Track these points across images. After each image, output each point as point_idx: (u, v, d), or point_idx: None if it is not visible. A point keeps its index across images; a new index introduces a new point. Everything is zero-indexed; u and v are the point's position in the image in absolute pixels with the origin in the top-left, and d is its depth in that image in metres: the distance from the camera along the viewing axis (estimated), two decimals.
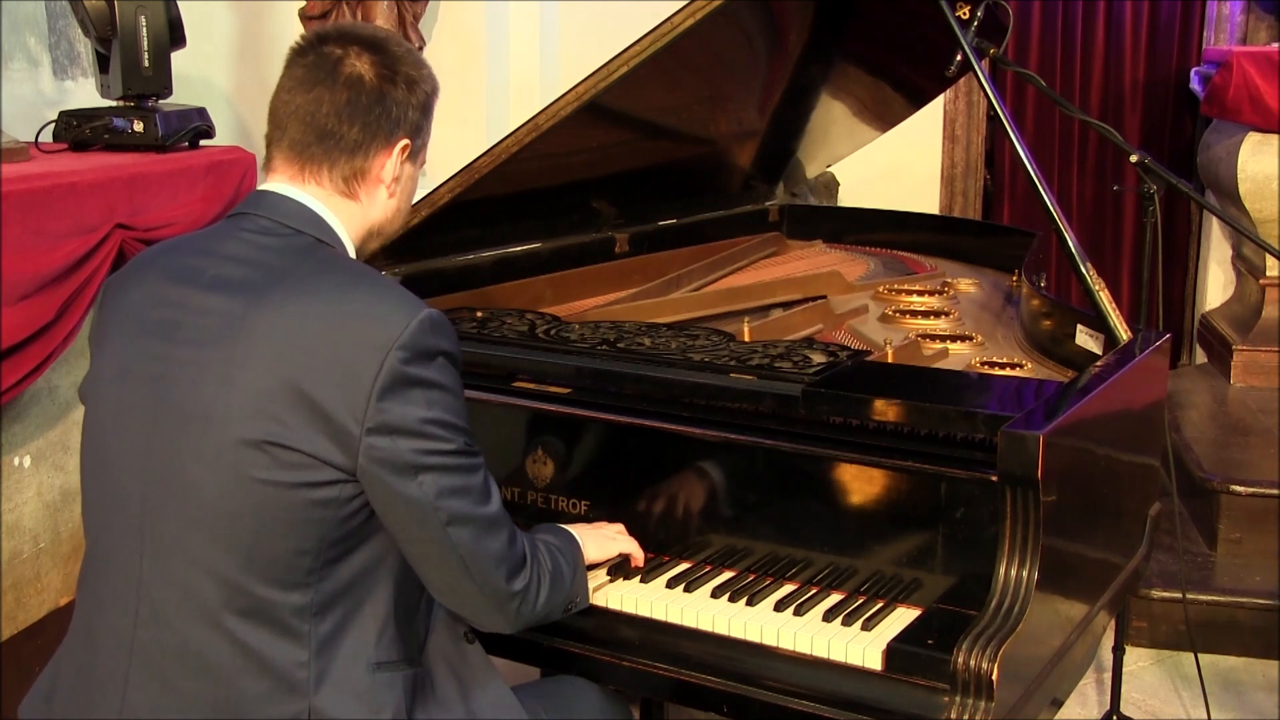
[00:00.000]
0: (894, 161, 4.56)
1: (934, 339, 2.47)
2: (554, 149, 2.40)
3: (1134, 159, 2.53)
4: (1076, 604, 1.90)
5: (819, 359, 1.97)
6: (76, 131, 3.09)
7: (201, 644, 1.49)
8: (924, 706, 1.64)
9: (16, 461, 2.72)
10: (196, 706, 1.50)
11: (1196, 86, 4.88)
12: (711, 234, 3.10)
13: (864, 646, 1.68)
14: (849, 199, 4.45)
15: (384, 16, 4.06)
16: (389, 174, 1.65)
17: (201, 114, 3.23)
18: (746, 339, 2.21)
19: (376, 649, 1.55)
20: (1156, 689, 3.25)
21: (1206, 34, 5.05)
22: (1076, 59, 5.14)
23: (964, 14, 2.45)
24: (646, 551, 1.92)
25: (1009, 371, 2.27)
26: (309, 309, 1.49)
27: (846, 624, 1.74)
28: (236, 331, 1.50)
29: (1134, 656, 3.31)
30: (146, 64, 3.09)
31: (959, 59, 2.42)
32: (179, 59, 3.23)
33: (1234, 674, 3.31)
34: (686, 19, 2.23)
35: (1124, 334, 2.17)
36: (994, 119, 4.35)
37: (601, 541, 1.87)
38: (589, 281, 2.72)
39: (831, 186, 4.36)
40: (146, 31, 3.07)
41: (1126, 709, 2.92)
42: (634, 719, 2.02)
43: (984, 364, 2.32)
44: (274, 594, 1.49)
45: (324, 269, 1.55)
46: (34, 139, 3.06)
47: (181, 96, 3.29)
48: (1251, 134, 4.33)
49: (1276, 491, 3.52)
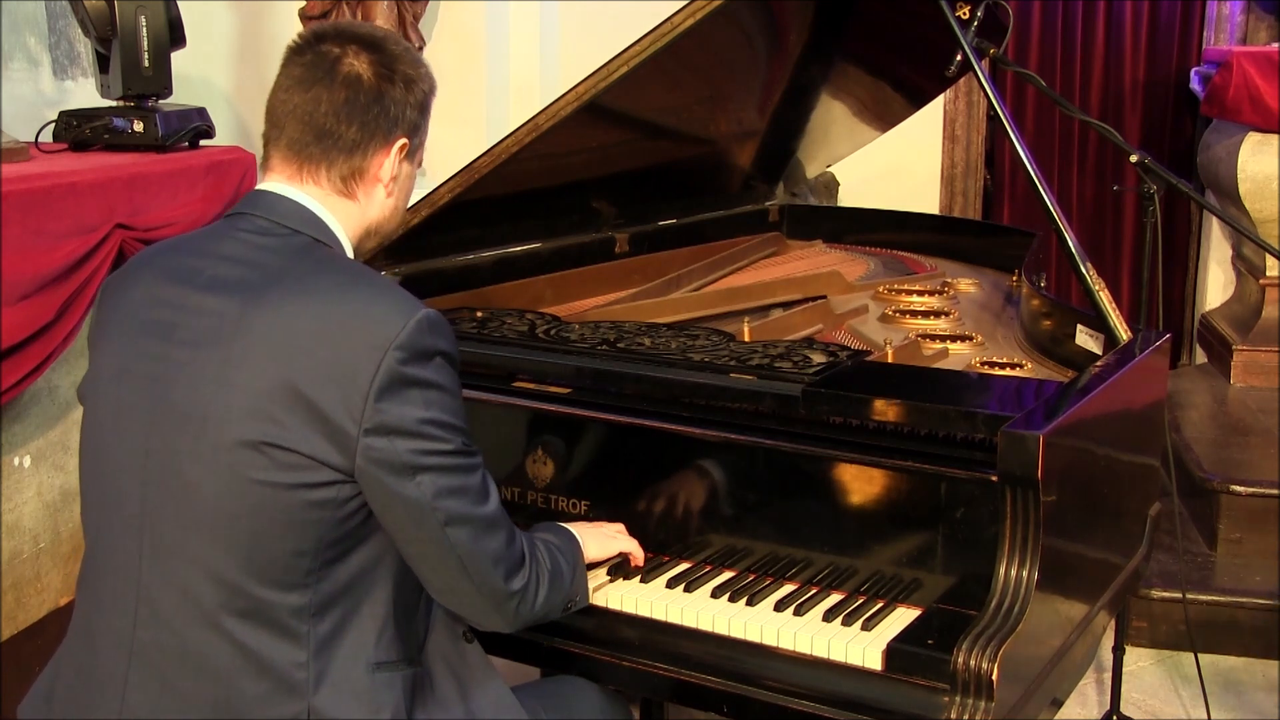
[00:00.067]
0: (894, 161, 4.56)
1: (934, 339, 2.47)
2: (554, 149, 2.40)
3: (1134, 159, 2.53)
4: (1076, 604, 1.90)
5: (819, 359, 1.97)
6: (76, 131, 3.09)
7: (201, 644, 1.49)
8: (924, 706, 1.64)
9: (16, 461, 2.72)
10: (196, 707, 1.50)
11: (1196, 86, 4.87)
12: (711, 234, 3.10)
13: (864, 646, 1.68)
14: (849, 199, 4.45)
15: (384, 16, 4.06)
16: (387, 173, 1.64)
17: (201, 114, 3.24)
18: (746, 339, 2.21)
19: (375, 649, 1.55)
20: (1156, 689, 3.25)
21: (1206, 34, 5.05)
22: (1076, 59, 5.13)
23: (964, 14, 2.45)
24: (646, 551, 1.92)
25: (1009, 371, 2.27)
26: (306, 309, 1.49)
27: (846, 624, 1.74)
28: (234, 332, 1.50)
29: (1134, 656, 3.31)
30: (146, 64, 3.09)
31: (959, 59, 2.42)
32: (179, 59, 3.23)
33: (1234, 674, 3.31)
34: (686, 19, 2.22)
35: (1124, 334, 2.17)
36: (994, 119, 4.35)
37: (602, 540, 1.87)
38: (589, 281, 2.72)
39: (831, 186, 4.36)
40: (146, 31, 3.07)
41: (1126, 709, 2.92)
42: (634, 719, 2.02)
43: (984, 364, 2.31)
44: (273, 595, 1.49)
45: (321, 269, 1.55)
46: (34, 139, 3.06)
47: (181, 96, 3.30)
48: (1251, 134, 4.33)
49: (1276, 491, 3.52)
